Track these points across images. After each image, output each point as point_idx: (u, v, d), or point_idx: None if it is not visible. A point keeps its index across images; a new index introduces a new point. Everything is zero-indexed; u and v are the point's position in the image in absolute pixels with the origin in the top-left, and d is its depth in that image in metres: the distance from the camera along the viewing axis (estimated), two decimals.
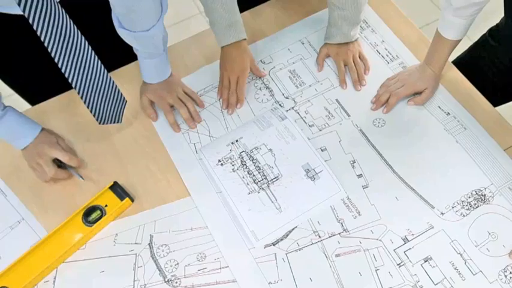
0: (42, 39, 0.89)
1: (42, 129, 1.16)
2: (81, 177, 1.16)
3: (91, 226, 1.09)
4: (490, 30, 1.31)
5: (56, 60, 0.94)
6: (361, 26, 1.37)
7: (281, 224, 1.09)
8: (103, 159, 1.21)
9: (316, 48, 1.35)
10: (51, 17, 0.87)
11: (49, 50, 0.91)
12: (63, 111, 1.29)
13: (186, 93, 1.26)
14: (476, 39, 1.36)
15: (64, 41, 0.92)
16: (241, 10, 1.40)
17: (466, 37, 1.19)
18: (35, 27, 0.87)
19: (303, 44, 1.36)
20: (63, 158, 1.14)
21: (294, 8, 1.43)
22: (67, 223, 1.10)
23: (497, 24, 1.29)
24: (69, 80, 0.99)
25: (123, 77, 1.31)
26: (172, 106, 1.25)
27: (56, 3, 0.89)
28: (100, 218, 1.10)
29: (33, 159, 1.14)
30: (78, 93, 1.02)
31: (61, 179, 1.17)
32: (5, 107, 1.11)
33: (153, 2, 1.10)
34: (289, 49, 1.36)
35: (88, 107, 1.07)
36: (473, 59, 1.36)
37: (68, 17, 0.92)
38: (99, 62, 1.03)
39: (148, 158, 1.20)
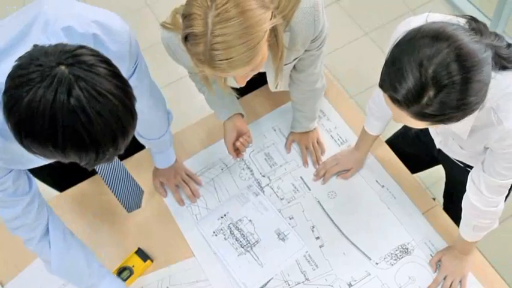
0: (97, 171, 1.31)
1: None
2: None
3: (123, 282, 1.51)
4: None
5: (103, 179, 1.36)
6: (319, 115, 1.79)
7: (263, 275, 1.52)
8: (126, 229, 1.62)
9: (284, 134, 1.78)
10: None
11: (97, 171, 1.33)
12: (91, 194, 1.69)
13: (187, 175, 1.68)
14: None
15: (109, 166, 1.34)
16: None
17: None
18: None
19: (274, 130, 1.79)
20: None
21: (266, 100, 1.85)
22: None
23: None
24: (109, 187, 1.41)
25: (139, 164, 1.72)
26: (177, 185, 1.67)
27: None
28: (130, 276, 1.52)
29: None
30: (115, 194, 1.44)
31: None
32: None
33: (162, 120, 1.53)
34: (264, 135, 1.78)
35: (120, 202, 1.49)
36: (401, 138, 1.80)
37: None
38: (126, 169, 1.45)
39: (162, 227, 1.62)
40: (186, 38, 1.12)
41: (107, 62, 0.91)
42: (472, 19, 1.09)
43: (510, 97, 1.10)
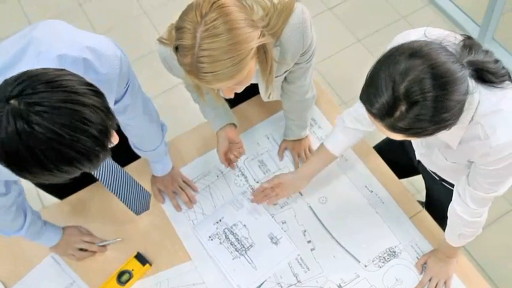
0: (96, 176, 1.38)
1: (63, 228, 1.61)
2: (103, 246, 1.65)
3: (123, 285, 1.57)
4: None
5: (107, 188, 1.43)
6: (311, 123, 1.86)
7: (257, 277, 1.59)
8: (126, 234, 1.69)
9: (277, 141, 1.85)
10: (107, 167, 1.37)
11: (100, 180, 1.40)
12: (90, 201, 1.76)
13: (184, 182, 1.75)
14: None
15: (112, 175, 1.41)
16: None
17: None
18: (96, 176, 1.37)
19: (268, 138, 1.86)
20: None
21: (260, 109, 1.91)
22: (106, 283, 1.58)
23: None
24: (114, 194, 1.47)
25: (138, 172, 1.78)
26: (174, 192, 1.74)
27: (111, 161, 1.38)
28: (129, 279, 1.58)
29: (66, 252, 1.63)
30: (121, 200, 1.50)
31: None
32: (45, 222, 1.55)
33: (156, 133, 1.60)
34: (258, 143, 1.85)
35: (128, 206, 1.55)
36: (389, 145, 1.86)
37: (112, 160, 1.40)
38: (129, 174, 1.51)
39: (160, 232, 1.69)
40: (176, 49, 1.20)
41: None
42: (468, 37, 1.15)
43: (498, 114, 1.14)
